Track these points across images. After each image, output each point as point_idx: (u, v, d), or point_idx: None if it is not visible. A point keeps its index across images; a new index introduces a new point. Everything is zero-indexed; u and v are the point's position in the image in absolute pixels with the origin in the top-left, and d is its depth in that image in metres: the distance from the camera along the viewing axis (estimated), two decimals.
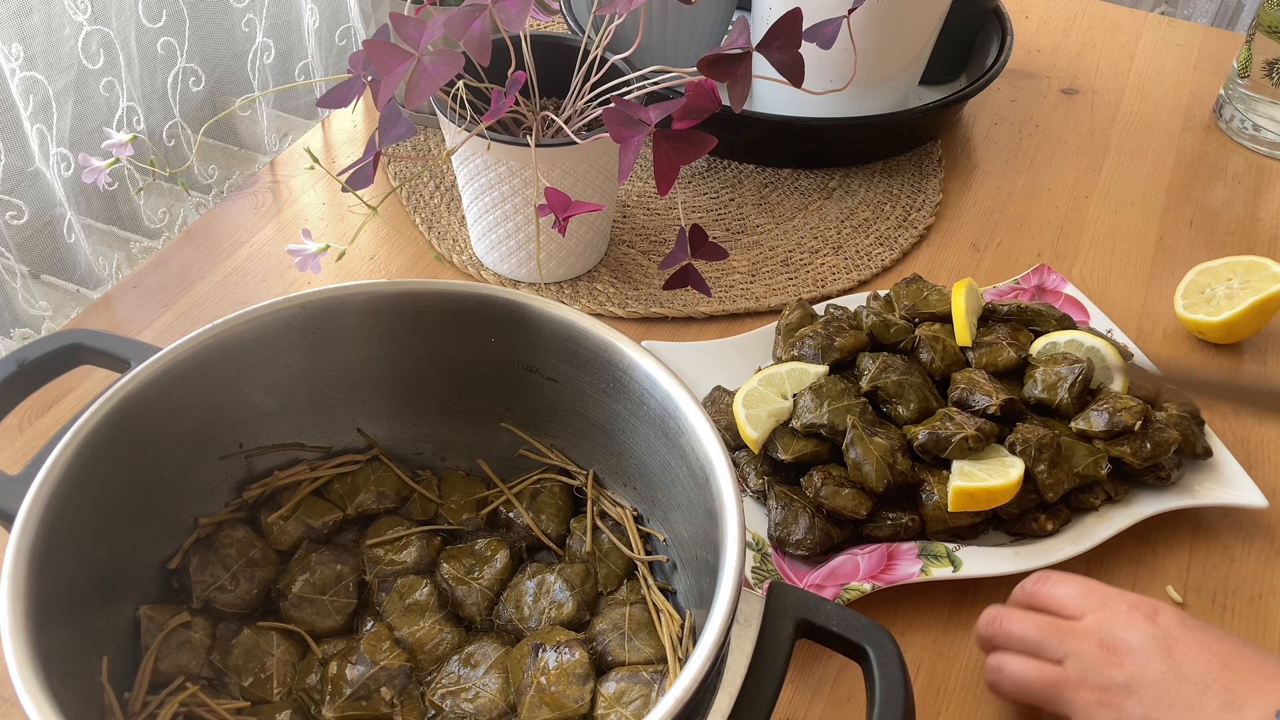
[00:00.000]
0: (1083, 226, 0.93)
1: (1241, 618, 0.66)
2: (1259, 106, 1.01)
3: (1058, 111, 1.07)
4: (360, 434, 0.63)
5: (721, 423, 0.70)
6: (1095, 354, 0.71)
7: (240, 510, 0.59)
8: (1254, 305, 0.78)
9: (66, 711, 0.41)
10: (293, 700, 0.54)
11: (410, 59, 0.58)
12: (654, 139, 0.59)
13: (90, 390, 0.75)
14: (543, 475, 0.62)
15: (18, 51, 0.86)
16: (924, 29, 0.93)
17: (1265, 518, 0.71)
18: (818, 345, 0.71)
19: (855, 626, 0.47)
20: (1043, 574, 0.59)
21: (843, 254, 0.89)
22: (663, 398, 0.53)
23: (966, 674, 0.63)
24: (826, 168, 0.97)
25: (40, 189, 0.94)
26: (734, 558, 0.45)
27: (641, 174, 0.96)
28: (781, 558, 0.65)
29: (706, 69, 0.60)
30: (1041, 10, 1.22)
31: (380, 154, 0.60)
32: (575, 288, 0.85)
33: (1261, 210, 0.96)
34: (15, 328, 0.96)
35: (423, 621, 0.57)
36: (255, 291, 0.84)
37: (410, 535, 0.60)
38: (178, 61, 1.05)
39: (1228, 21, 1.83)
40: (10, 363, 0.56)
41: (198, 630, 0.54)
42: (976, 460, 0.65)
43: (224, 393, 0.56)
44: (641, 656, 0.54)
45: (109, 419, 0.50)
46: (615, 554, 0.59)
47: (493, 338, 0.58)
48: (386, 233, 0.89)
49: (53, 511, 0.46)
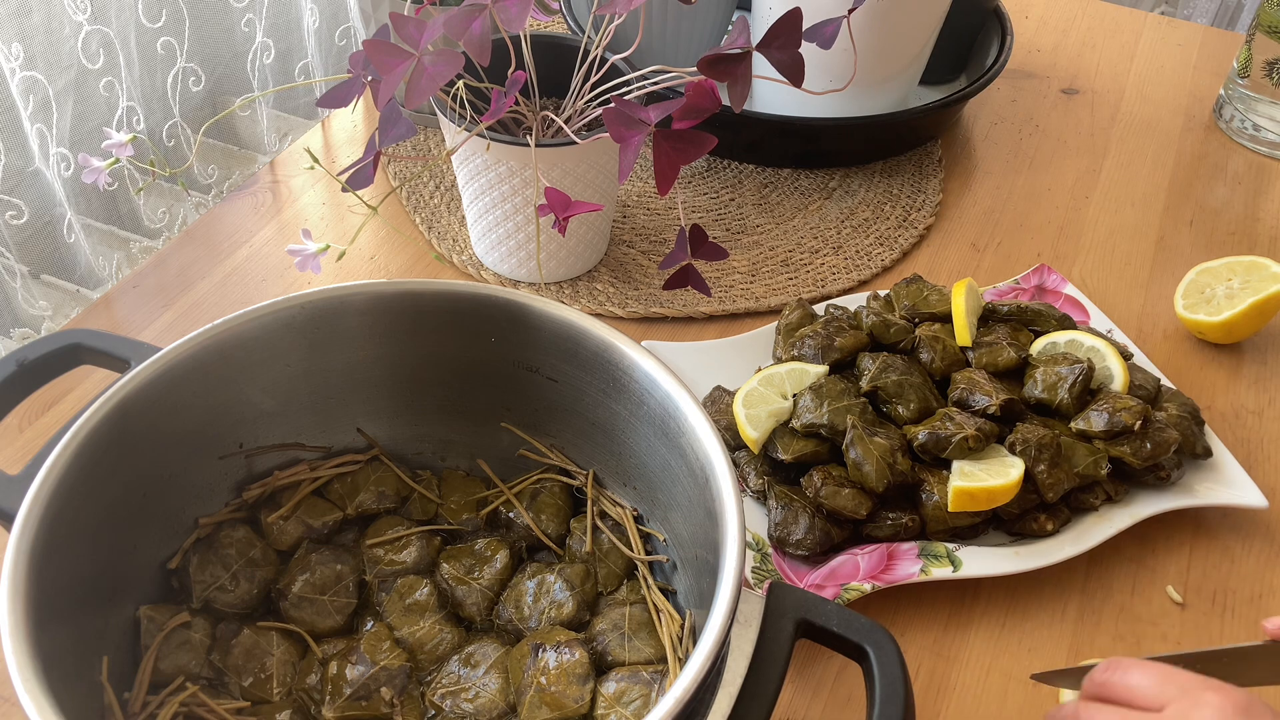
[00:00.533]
0: (1083, 226, 0.93)
1: (1241, 618, 0.66)
2: (1259, 106, 1.01)
3: (1058, 111, 1.07)
4: (360, 434, 0.63)
5: (721, 423, 0.70)
6: (1095, 354, 0.71)
7: (240, 510, 0.59)
8: (1254, 305, 0.78)
9: (66, 711, 0.41)
10: (293, 700, 0.54)
11: (410, 59, 0.58)
12: (654, 139, 0.59)
13: (90, 390, 0.75)
14: (543, 475, 0.62)
15: (18, 51, 0.86)
16: (924, 29, 0.93)
17: (1265, 518, 0.71)
18: (818, 345, 0.71)
19: (855, 626, 0.47)
20: (1113, 661, 0.52)
21: (843, 254, 0.89)
22: (663, 398, 0.53)
23: (966, 674, 0.63)
24: (826, 168, 0.97)
25: (40, 189, 0.94)
26: (734, 558, 0.45)
27: (641, 174, 0.96)
28: (781, 558, 0.65)
29: (706, 69, 0.60)
30: (1041, 10, 1.22)
31: (380, 154, 0.60)
32: (575, 288, 0.85)
33: (1261, 210, 0.96)
34: (15, 328, 0.96)
35: (423, 621, 0.57)
36: (255, 291, 0.84)
37: (410, 535, 0.60)
38: (178, 61, 1.05)
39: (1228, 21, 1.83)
40: (10, 363, 0.56)
41: (198, 630, 0.54)
42: (976, 460, 0.65)
43: (224, 393, 0.56)
44: (641, 656, 0.54)
45: (109, 419, 0.50)
46: (615, 554, 0.59)
47: (493, 338, 0.58)
48: (386, 233, 0.89)
49: (53, 511, 0.46)
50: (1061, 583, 0.67)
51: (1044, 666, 0.63)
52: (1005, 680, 0.62)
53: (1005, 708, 0.61)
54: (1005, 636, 0.64)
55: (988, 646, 0.64)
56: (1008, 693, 0.62)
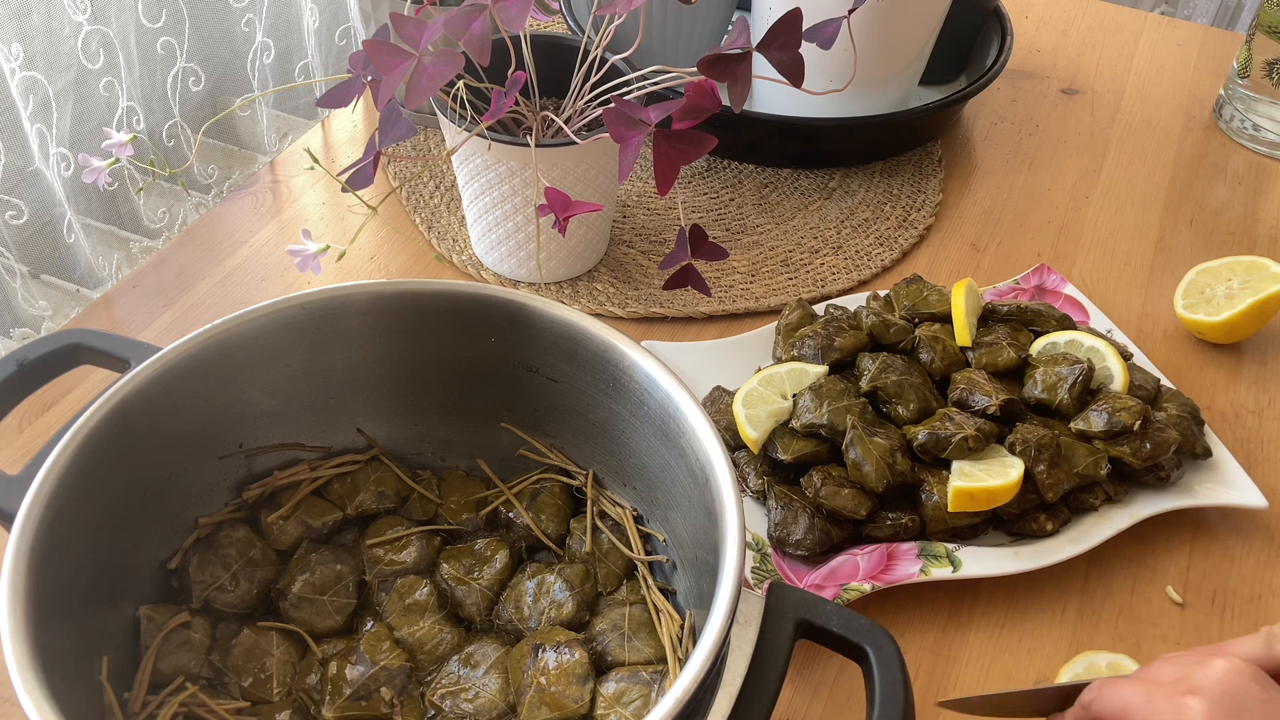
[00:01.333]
0: (1083, 226, 0.93)
1: (1241, 618, 0.66)
2: (1259, 106, 1.01)
3: (1058, 111, 1.07)
4: (360, 434, 0.63)
5: (721, 423, 0.70)
6: (1095, 354, 0.71)
7: (240, 510, 0.59)
8: (1254, 305, 0.78)
9: (66, 711, 0.41)
10: (292, 700, 0.54)
11: (410, 59, 0.58)
12: (654, 139, 0.59)
13: (90, 390, 0.75)
14: (543, 475, 0.62)
15: (18, 51, 0.86)
16: (924, 29, 0.93)
17: (1265, 518, 0.71)
18: (818, 345, 0.71)
19: (855, 627, 0.47)
20: (1096, 685, 0.49)
21: (843, 254, 0.89)
22: (663, 398, 0.53)
23: (966, 674, 0.63)
24: (826, 168, 0.97)
25: (40, 189, 0.94)
26: (734, 558, 0.45)
27: (641, 174, 0.96)
28: (781, 558, 0.65)
29: (706, 69, 0.60)
30: (1041, 10, 1.22)
31: (380, 154, 0.60)
32: (575, 288, 0.85)
33: (1261, 210, 0.96)
34: (15, 328, 0.96)
35: (423, 621, 0.57)
36: (255, 291, 0.84)
37: (410, 535, 0.60)
38: (178, 61, 1.05)
39: (1228, 21, 1.83)
40: (10, 363, 0.56)
41: (198, 630, 0.54)
42: (976, 460, 0.65)
43: (224, 393, 0.56)
44: (641, 656, 0.54)
45: (109, 419, 0.50)
46: (615, 554, 0.59)
47: (493, 338, 0.58)
48: (386, 233, 0.89)
49: (53, 511, 0.46)
50: (1061, 583, 0.67)
51: (1044, 666, 0.63)
52: (1005, 680, 0.62)
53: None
54: (1005, 636, 0.64)
55: (988, 646, 0.64)
56: None
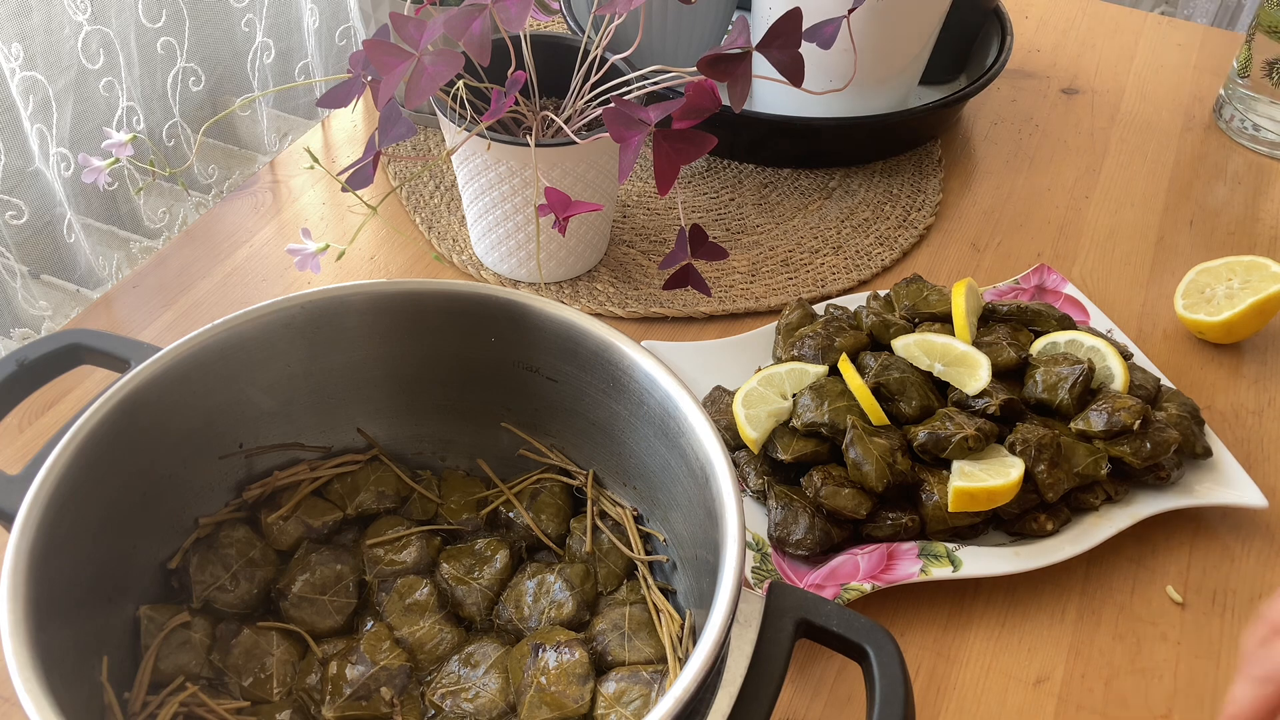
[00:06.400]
0: (1083, 226, 0.93)
1: (1241, 618, 0.66)
2: (1259, 106, 1.01)
3: (1058, 111, 1.07)
4: (360, 434, 0.63)
5: (721, 423, 0.70)
6: (1095, 354, 0.71)
7: (240, 510, 0.59)
8: (1254, 305, 0.78)
9: (66, 711, 0.41)
10: (293, 700, 0.54)
11: (410, 59, 0.58)
12: (654, 139, 0.59)
13: (90, 390, 0.75)
14: (543, 475, 0.62)
15: (18, 51, 0.86)
16: (924, 29, 0.93)
17: (1265, 518, 0.71)
18: (818, 345, 0.71)
19: (855, 626, 0.47)
20: None
21: (843, 254, 0.89)
22: (663, 398, 0.53)
23: (966, 674, 0.63)
24: (826, 168, 0.97)
25: (40, 189, 0.94)
26: (734, 558, 0.45)
27: (641, 174, 0.96)
28: (781, 558, 0.65)
29: (706, 69, 0.60)
30: (1041, 10, 1.22)
31: (380, 154, 0.60)
32: (575, 288, 0.85)
33: (1261, 210, 0.96)
34: (15, 328, 0.96)
35: (423, 621, 0.57)
36: (255, 291, 0.84)
37: (410, 535, 0.60)
38: (178, 61, 1.05)
39: (1228, 21, 1.83)
40: (10, 363, 0.56)
41: (198, 630, 0.54)
42: (976, 460, 0.65)
43: (224, 393, 0.56)
44: (641, 656, 0.54)
45: (109, 419, 0.50)
46: (615, 554, 0.59)
47: (493, 338, 0.58)
48: (386, 233, 0.89)
49: (53, 511, 0.46)
50: (1061, 583, 0.67)
51: (1044, 666, 0.63)
52: (1005, 680, 0.62)
53: (1005, 708, 0.61)
54: (1005, 636, 0.64)
55: (988, 646, 0.64)
56: (1008, 692, 0.62)
